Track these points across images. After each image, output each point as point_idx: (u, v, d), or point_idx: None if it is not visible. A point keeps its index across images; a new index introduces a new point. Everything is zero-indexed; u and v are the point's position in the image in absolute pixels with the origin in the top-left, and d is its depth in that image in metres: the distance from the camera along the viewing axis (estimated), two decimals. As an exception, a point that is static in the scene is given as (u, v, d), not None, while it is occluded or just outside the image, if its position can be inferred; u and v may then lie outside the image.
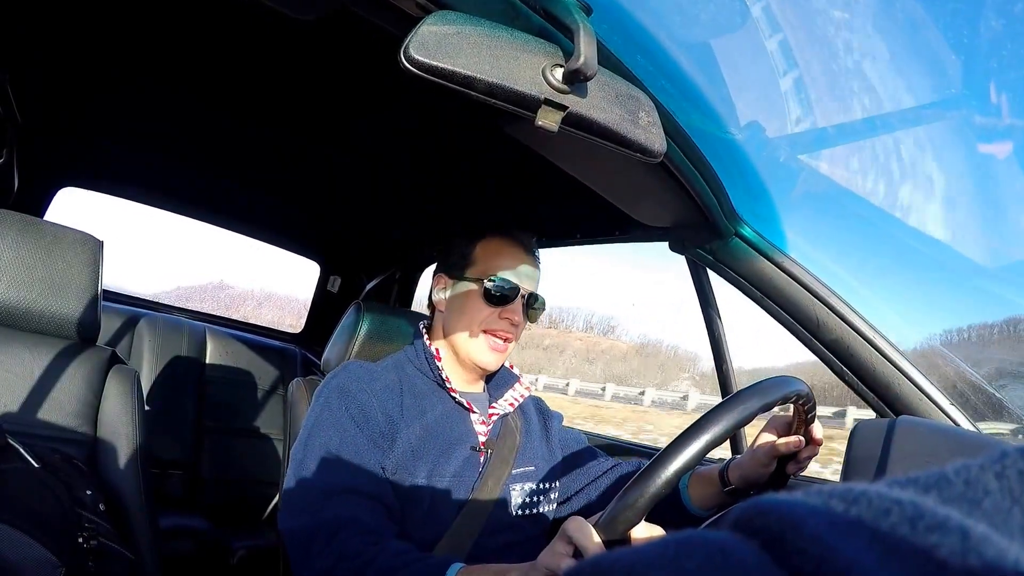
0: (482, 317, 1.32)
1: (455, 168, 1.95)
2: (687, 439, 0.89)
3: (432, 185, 2.14)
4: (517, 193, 1.97)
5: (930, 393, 1.28)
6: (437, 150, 1.87)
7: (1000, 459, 0.22)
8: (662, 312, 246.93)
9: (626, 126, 0.87)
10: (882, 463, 1.11)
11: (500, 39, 0.77)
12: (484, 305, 1.32)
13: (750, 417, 0.93)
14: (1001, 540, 0.19)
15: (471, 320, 1.32)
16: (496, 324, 1.32)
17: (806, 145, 1.24)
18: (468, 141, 1.74)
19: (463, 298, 1.34)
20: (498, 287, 1.31)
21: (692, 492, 1.29)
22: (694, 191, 1.23)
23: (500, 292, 1.31)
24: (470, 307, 1.33)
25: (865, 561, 0.19)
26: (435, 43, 0.73)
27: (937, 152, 1.28)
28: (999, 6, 1.11)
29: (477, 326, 1.32)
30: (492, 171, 1.89)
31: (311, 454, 1.18)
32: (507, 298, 1.32)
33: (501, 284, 1.31)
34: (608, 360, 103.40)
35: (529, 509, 1.33)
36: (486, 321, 1.32)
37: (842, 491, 0.22)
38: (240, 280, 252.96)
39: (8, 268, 1.27)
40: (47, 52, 1.66)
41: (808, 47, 1.09)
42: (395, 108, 1.66)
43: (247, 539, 2.50)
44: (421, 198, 2.30)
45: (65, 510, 1.06)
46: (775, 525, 0.21)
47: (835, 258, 1.38)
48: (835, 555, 0.19)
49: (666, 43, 1.01)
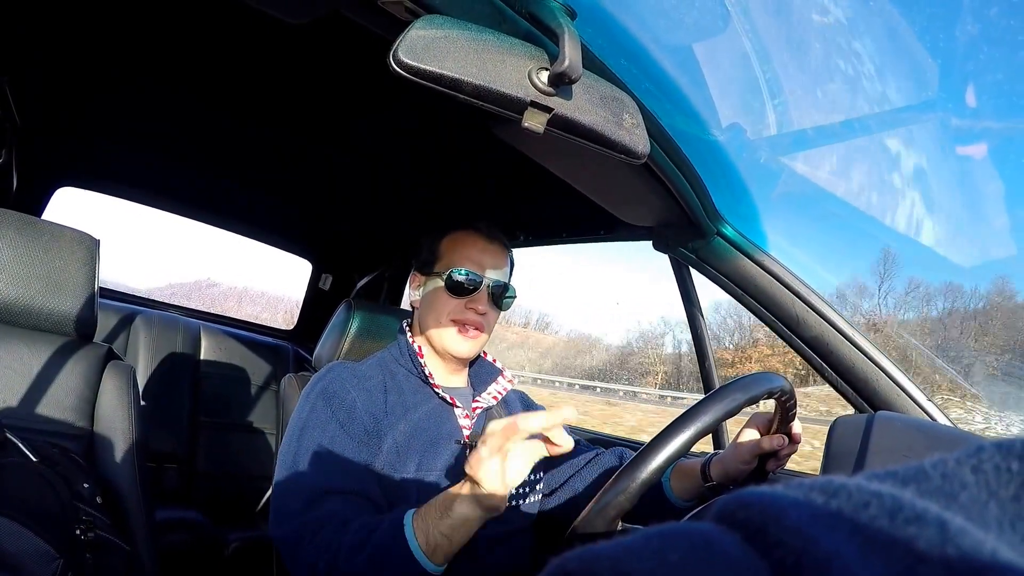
0: (449, 309, 1.35)
1: (445, 168, 1.98)
2: (673, 431, 0.91)
3: (423, 185, 2.16)
4: (505, 193, 2.00)
5: (908, 389, 1.30)
6: (428, 151, 1.89)
7: (976, 453, 0.23)
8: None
9: (610, 128, 0.88)
10: (861, 457, 1.12)
11: (487, 43, 0.78)
12: (449, 297, 1.35)
13: (735, 411, 0.96)
14: (977, 532, 0.19)
15: (439, 313, 1.36)
16: (463, 314, 1.36)
17: (786, 147, 1.26)
18: (458, 142, 1.77)
19: (432, 294, 1.38)
20: (458, 279, 1.34)
21: (674, 484, 1.32)
22: (677, 191, 1.25)
23: (461, 283, 1.35)
24: (438, 301, 1.37)
25: (845, 553, 0.19)
26: (423, 47, 0.74)
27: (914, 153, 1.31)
28: (975, 11, 1.14)
29: (446, 317, 1.36)
30: (481, 171, 1.91)
31: (299, 459, 1.20)
32: (469, 289, 1.35)
33: (462, 276, 1.34)
34: (541, 351, 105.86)
35: (515, 501, 1.35)
36: (453, 312, 1.35)
37: (823, 484, 0.22)
38: (224, 278, 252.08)
39: (7, 266, 1.28)
40: (46, 54, 1.67)
41: (788, 51, 1.11)
42: (387, 109, 1.68)
43: (241, 531, 2.53)
44: (412, 198, 2.32)
45: (63, 503, 1.06)
46: (757, 517, 0.21)
47: (815, 257, 1.40)
48: (816, 547, 0.19)
49: (649, 46, 1.02)
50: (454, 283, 1.34)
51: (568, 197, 1.48)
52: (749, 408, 1.04)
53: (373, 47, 1.29)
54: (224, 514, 2.64)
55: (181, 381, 2.79)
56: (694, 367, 1.66)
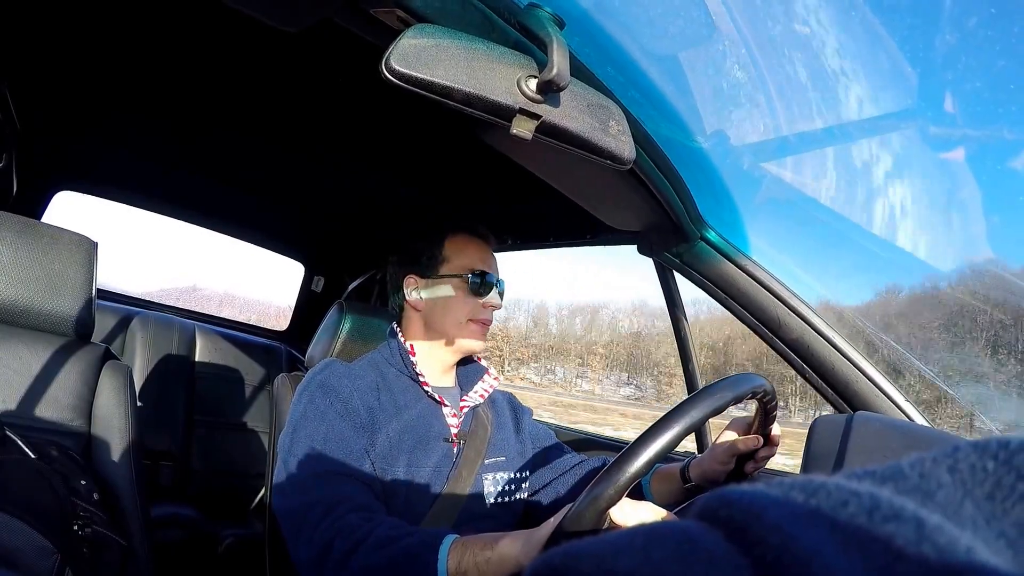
0: (468, 309, 1.39)
1: (435, 173, 2.00)
2: (658, 430, 0.91)
3: (413, 189, 2.18)
4: (493, 197, 2.02)
5: (887, 390, 1.32)
6: (418, 155, 1.91)
7: (953, 453, 0.23)
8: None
9: (597, 134, 0.90)
10: (840, 457, 1.12)
11: (477, 51, 0.79)
12: (470, 298, 1.39)
13: (720, 409, 0.97)
14: (953, 529, 0.19)
15: (458, 313, 1.40)
16: (481, 313, 1.41)
17: (769, 153, 1.28)
18: (448, 147, 1.79)
19: (445, 296, 1.40)
20: (480, 281, 1.39)
21: (655, 488, 1.34)
22: (662, 197, 1.27)
23: (482, 284, 1.39)
24: (455, 302, 1.40)
25: (824, 550, 0.19)
26: (415, 55, 0.75)
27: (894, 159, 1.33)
28: (954, 21, 1.16)
29: (465, 317, 1.40)
30: (470, 176, 1.94)
31: (298, 445, 1.21)
32: (488, 285, 1.40)
33: (481, 278, 1.39)
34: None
35: (502, 498, 1.38)
36: (472, 312, 1.40)
37: (802, 483, 0.22)
38: (209, 284, 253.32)
39: (7, 268, 1.30)
40: (46, 59, 1.69)
41: (771, 60, 1.12)
42: (377, 115, 1.70)
43: (234, 528, 2.56)
44: (402, 201, 2.35)
45: (61, 499, 1.07)
46: (739, 515, 0.22)
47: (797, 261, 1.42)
48: (795, 544, 0.19)
49: (636, 55, 1.03)
50: (476, 285, 1.39)
51: (555, 202, 1.50)
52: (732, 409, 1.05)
53: (365, 54, 1.32)
54: (218, 511, 2.67)
55: (177, 381, 2.82)
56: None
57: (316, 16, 0.95)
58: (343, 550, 1.05)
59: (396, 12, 0.83)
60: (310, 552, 1.09)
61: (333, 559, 1.05)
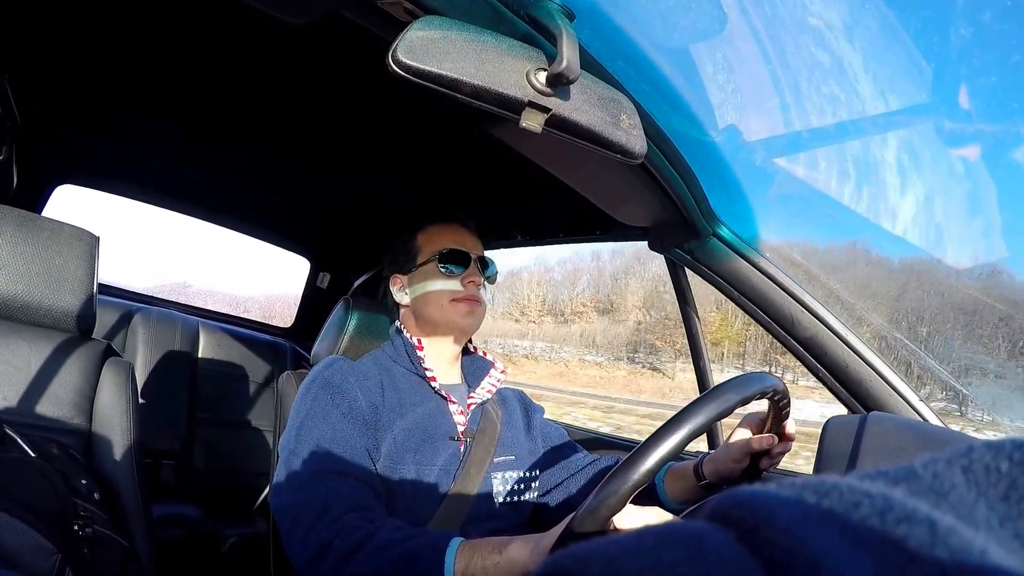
0: (448, 290, 1.38)
1: (443, 167, 1.98)
2: (668, 431, 0.90)
3: (420, 184, 2.17)
4: (502, 192, 2.00)
5: (900, 390, 1.31)
6: (426, 150, 1.89)
7: (967, 454, 0.23)
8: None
9: (608, 128, 0.89)
10: (853, 457, 1.12)
11: (485, 43, 0.78)
12: (444, 278, 1.38)
13: (729, 410, 0.95)
14: (967, 531, 0.19)
15: (440, 297, 1.38)
16: (463, 291, 1.38)
17: (782, 148, 1.26)
18: (454, 142, 1.77)
19: (425, 285, 1.40)
20: (451, 258, 1.38)
21: (668, 486, 1.31)
22: (673, 192, 1.25)
23: (453, 258, 1.39)
24: (433, 288, 1.39)
25: (836, 551, 0.19)
26: (422, 47, 0.74)
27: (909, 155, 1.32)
28: (969, 15, 1.15)
29: (446, 298, 1.38)
30: (477, 171, 1.92)
31: (302, 444, 1.20)
32: (461, 263, 1.39)
33: (452, 255, 1.39)
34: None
35: (511, 497, 1.36)
36: (453, 292, 1.38)
37: (814, 484, 0.22)
38: (199, 281, 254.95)
39: (7, 262, 1.28)
40: (46, 52, 1.67)
41: (784, 53, 1.11)
42: (385, 109, 1.69)
43: (237, 527, 2.55)
44: (409, 197, 2.33)
45: (61, 499, 1.06)
46: (749, 517, 0.21)
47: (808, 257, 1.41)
48: (806, 546, 0.19)
49: (647, 48, 1.02)
50: (446, 258, 1.38)
51: (565, 197, 1.48)
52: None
53: (372, 47, 1.30)
54: (220, 510, 2.65)
55: (179, 378, 2.80)
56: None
57: (323, 8, 0.94)
58: (344, 550, 1.04)
59: (403, 3, 0.81)
60: (307, 550, 1.08)
61: (332, 559, 1.04)
